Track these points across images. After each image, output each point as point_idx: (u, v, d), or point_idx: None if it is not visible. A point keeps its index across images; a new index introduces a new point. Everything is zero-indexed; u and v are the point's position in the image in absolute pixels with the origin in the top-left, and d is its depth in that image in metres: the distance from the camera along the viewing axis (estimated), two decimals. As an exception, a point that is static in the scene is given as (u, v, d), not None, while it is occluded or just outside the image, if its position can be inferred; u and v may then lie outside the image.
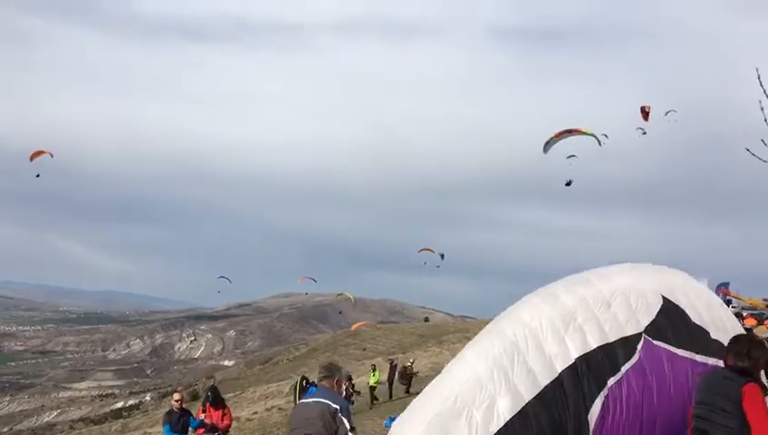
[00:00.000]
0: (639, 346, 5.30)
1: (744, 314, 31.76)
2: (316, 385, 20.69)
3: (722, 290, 32.48)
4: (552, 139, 23.72)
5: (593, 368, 5.15)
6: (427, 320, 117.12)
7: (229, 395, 50.58)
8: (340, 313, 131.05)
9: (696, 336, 5.51)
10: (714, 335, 5.55)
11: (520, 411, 4.97)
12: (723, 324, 5.74)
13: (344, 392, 24.50)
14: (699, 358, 5.42)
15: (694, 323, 5.57)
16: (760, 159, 4.47)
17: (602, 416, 5.04)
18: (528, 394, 5.02)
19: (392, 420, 19.53)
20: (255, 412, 35.51)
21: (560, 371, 5.11)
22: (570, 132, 23.69)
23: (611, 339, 5.29)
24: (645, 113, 25.69)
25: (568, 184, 26.41)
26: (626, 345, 5.28)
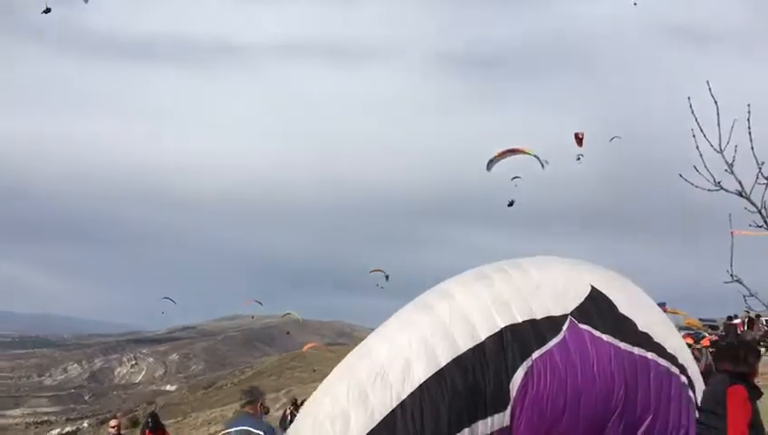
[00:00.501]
0: (565, 326, 5.38)
1: (682, 333, 32.74)
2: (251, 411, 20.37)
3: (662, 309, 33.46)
4: (495, 157, 24.12)
5: (519, 339, 5.23)
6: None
7: (170, 421, 49.30)
8: (287, 333, 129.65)
9: (622, 325, 5.58)
10: (642, 328, 5.61)
11: (435, 374, 5.01)
12: (653, 323, 5.80)
13: (288, 417, 24.28)
14: (623, 345, 5.47)
15: (621, 313, 5.64)
16: (692, 184, 4.63)
17: (524, 385, 5.10)
18: (445, 358, 5.06)
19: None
20: (198, 438, 34.68)
21: (484, 338, 5.18)
22: (513, 151, 24.14)
23: (538, 317, 5.38)
24: (578, 139, 26.41)
25: (510, 204, 26.92)
26: (552, 323, 5.37)
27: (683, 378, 5.64)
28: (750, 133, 4.22)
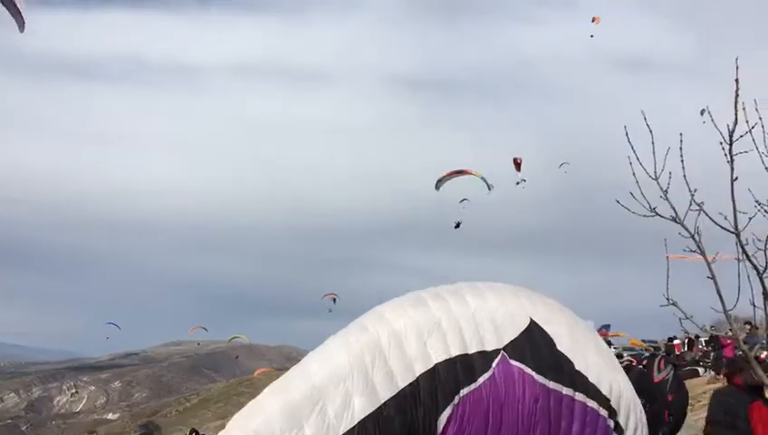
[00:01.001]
0: (495, 362, 5.29)
1: (625, 354, 33.55)
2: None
3: (602, 333, 34.26)
4: (443, 177, 24.64)
5: (450, 376, 5.15)
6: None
7: (112, 451, 47.58)
8: (236, 358, 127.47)
9: (557, 363, 5.47)
10: (578, 367, 5.51)
11: (374, 412, 4.97)
12: (592, 363, 5.68)
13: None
14: (552, 385, 5.38)
15: (558, 350, 5.52)
16: (628, 209, 4.79)
17: (449, 422, 5.06)
18: (385, 395, 5.02)
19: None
20: (141, 469, 33.59)
21: (418, 374, 5.12)
22: (461, 173, 24.70)
23: (471, 351, 5.28)
24: (517, 164, 27.04)
25: (457, 226, 27.35)
26: (484, 359, 5.27)
27: (610, 422, 5.53)
28: (682, 161, 4.40)
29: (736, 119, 4.19)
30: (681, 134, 4.34)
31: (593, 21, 34.52)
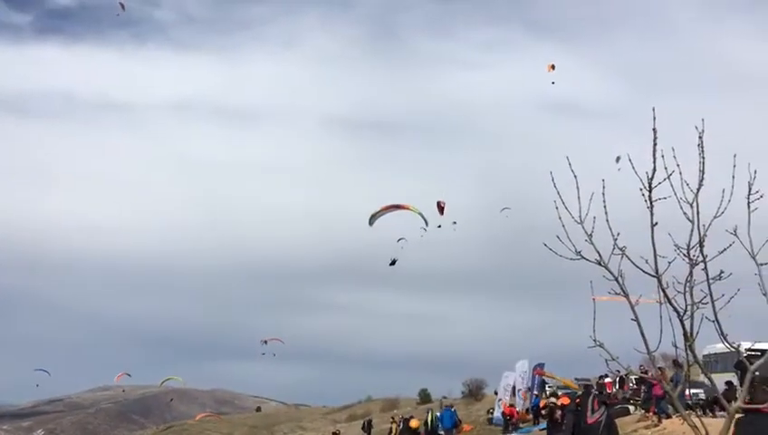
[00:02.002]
0: None
1: (559, 392, 33.97)
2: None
3: (537, 371, 34.64)
4: (378, 212, 24.17)
5: None
6: (259, 410, 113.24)
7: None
8: (171, 400, 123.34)
9: None
10: None
11: None
12: None
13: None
14: None
15: None
16: (555, 252, 4.88)
17: None
18: None
19: None
20: None
21: None
22: (397, 207, 24.29)
23: None
24: (440, 208, 26.79)
25: (392, 263, 27.07)
26: None
27: None
28: (605, 206, 4.52)
29: (655, 166, 4.35)
30: (603, 180, 4.47)
31: (550, 68, 34.40)
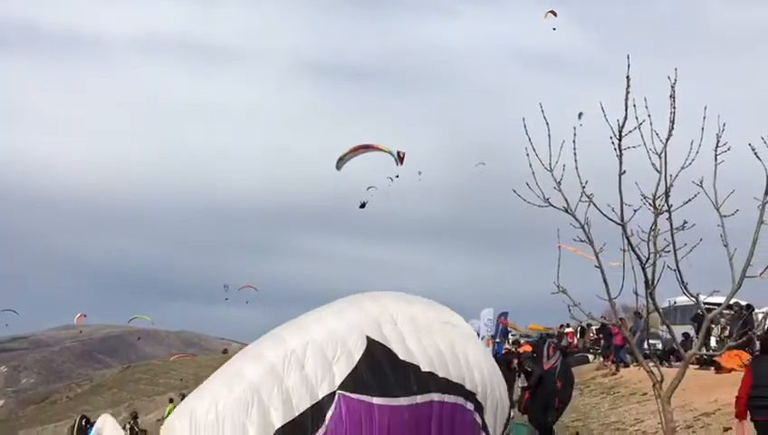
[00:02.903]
0: (330, 412, 4.83)
1: (522, 341, 34.77)
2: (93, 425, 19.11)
3: (501, 320, 35.33)
4: (346, 154, 22.94)
5: None
6: (225, 352, 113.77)
7: (-4, 439, 45.14)
8: (138, 338, 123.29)
9: (403, 375, 5.19)
10: (426, 368, 5.30)
11: None
12: (439, 355, 5.49)
13: (128, 432, 22.93)
14: (403, 400, 5.12)
15: (402, 360, 5.24)
16: (524, 199, 4.90)
17: None
18: None
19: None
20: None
21: None
22: (366, 148, 23.04)
23: (300, 410, 4.76)
24: (400, 158, 25.70)
25: (362, 206, 26.52)
26: (315, 413, 4.78)
27: (469, 404, 5.49)
28: (575, 153, 4.53)
29: (626, 114, 4.34)
30: (574, 128, 4.46)
31: (550, 14, 32.57)
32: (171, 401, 28.91)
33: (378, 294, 5.95)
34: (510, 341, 34.75)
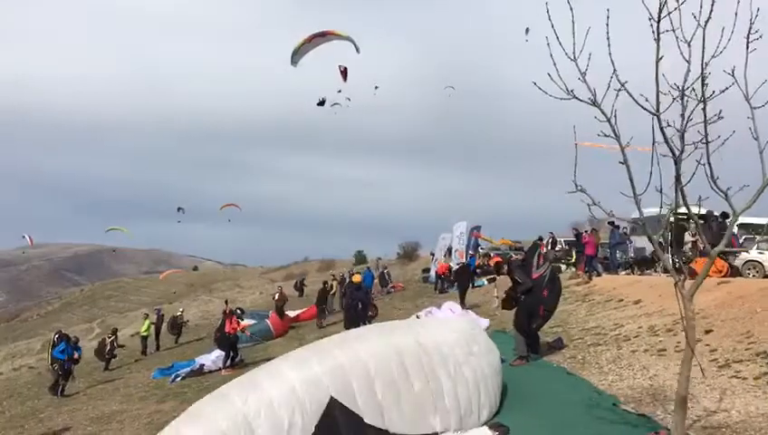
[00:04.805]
0: None
1: (492, 254, 35.28)
2: (68, 339, 18.91)
3: (474, 234, 35.69)
4: (301, 46, 21.24)
5: None
6: (195, 269, 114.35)
7: (-33, 357, 45.11)
8: (113, 250, 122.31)
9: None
10: (394, 430, 5.19)
11: None
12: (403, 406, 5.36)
13: (108, 346, 22.89)
14: None
15: (368, 425, 5.11)
16: (545, 92, 4.59)
17: None
18: None
19: (161, 371, 18.77)
20: (1, 373, 32.11)
21: None
22: (322, 36, 21.24)
23: None
24: (343, 74, 24.21)
25: (320, 103, 25.00)
26: None
27: None
28: (608, 39, 4.20)
29: (666, -6, 4.00)
30: (608, 9, 4.11)
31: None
32: (147, 316, 28.82)
33: (367, 334, 5.59)
34: (480, 253, 35.26)
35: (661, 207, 4.50)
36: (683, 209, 6.93)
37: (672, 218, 5.11)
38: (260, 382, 4.98)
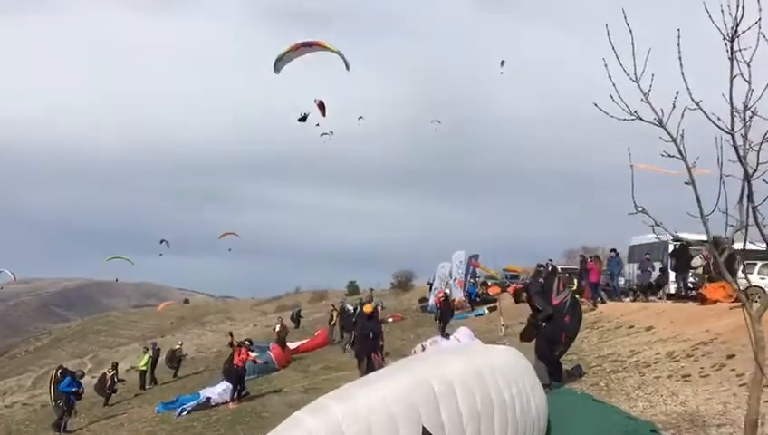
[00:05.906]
0: None
1: (489, 283, 35.18)
2: (72, 374, 18.56)
3: (473, 262, 35.67)
4: (285, 53, 20.43)
5: None
6: (187, 302, 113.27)
7: (-43, 395, 44.16)
8: (116, 280, 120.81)
9: None
10: None
11: None
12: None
13: (109, 381, 22.45)
14: None
15: None
16: (606, 113, 4.55)
17: None
18: None
19: (165, 405, 18.41)
20: (-6, 412, 31.42)
21: None
22: (309, 46, 20.44)
23: None
24: (321, 108, 23.54)
25: (302, 119, 24.12)
26: None
27: None
28: (680, 59, 4.17)
29: (743, 11, 3.98)
30: (678, 29, 4.09)
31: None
32: (146, 350, 28.43)
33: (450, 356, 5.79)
34: (478, 282, 35.20)
35: (726, 228, 4.45)
36: (684, 235, 6.89)
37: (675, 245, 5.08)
38: (356, 396, 5.03)
